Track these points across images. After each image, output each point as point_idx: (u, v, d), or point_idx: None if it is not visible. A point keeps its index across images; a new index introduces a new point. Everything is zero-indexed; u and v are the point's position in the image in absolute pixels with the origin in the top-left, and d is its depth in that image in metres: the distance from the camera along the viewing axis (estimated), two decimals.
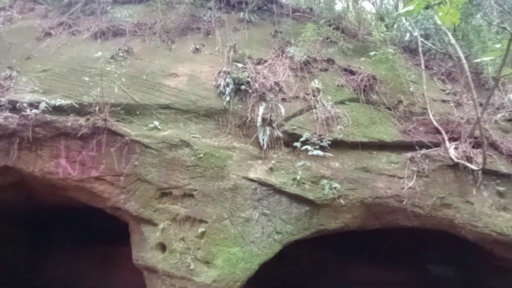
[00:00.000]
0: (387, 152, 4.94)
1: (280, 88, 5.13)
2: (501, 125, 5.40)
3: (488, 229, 4.48)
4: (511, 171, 4.69)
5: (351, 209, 4.59)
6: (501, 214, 4.52)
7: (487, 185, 4.69)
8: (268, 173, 4.55)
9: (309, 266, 8.16)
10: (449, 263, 7.32)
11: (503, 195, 4.63)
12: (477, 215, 4.51)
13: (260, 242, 4.41)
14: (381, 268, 7.92)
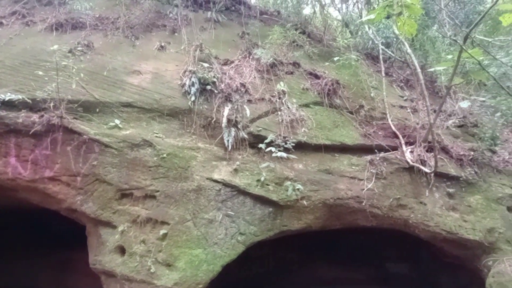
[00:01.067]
0: (349, 154, 5.11)
1: (246, 90, 5.14)
2: (452, 131, 5.79)
3: (439, 228, 4.78)
4: (459, 173, 5.04)
5: (313, 210, 4.70)
6: (450, 214, 4.84)
7: (438, 187, 5.01)
8: (232, 174, 4.54)
9: (273, 266, 8.25)
10: (405, 261, 7.72)
11: (452, 196, 4.96)
12: (429, 215, 4.80)
13: (224, 243, 4.38)
14: (342, 267, 8.18)
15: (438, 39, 6.59)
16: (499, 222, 4.74)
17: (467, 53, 3.99)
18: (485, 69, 4.22)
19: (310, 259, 8.38)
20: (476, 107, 6.17)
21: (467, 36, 3.98)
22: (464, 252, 4.93)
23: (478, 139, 5.52)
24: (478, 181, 5.03)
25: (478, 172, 5.08)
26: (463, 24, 6.52)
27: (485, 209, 4.84)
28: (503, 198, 4.94)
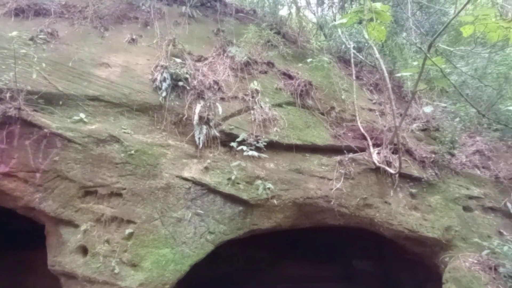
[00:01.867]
0: (319, 155, 5.22)
1: (219, 87, 5.09)
2: (416, 134, 6.07)
3: (402, 227, 4.99)
4: (421, 175, 5.30)
5: (283, 209, 4.74)
6: (412, 213, 5.08)
7: (402, 187, 5.23)
8: (203, 172, 4.48)
9: (243, 265, 8.27)
10: (370, 258, 8.00)
11: (414, 196, 5.20)
12: (393, 214, 5.00)
13: (192, 242, 4.32)
14: (311, 264, 8.35)
15: (405, 46, 6.90)
16: (456, 220, 5.03)
17: (431, 60, 4.20)
18: (446, 77, 4.46)
19: (279, 258, 8.48)
20: (438, 112, 6.52)
21: (431, 44, 4.18)
22: (423, 249, 5.18)
23: (439, 143, 5.84)
24: (438, 182, 5.31)
25: (438, 174, 5.37)
26: (429, 33, 6.86)
27: (443, 208, 5.12)
28: (459, 198, 5.25)
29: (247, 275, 8.21)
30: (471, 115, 6.15)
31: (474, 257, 4.64)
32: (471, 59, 6.66)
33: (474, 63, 6.52)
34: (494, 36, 3.86)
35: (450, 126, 6.06)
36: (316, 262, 8.52)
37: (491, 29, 3.84)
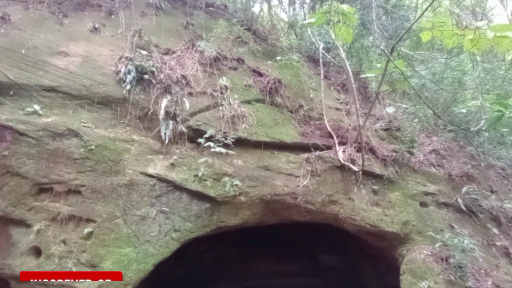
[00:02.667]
0: (287, 152, 5.27)
1: (187, 82, 4.97)
2: (379, 133, 6.34)
3: (364, 222, 5.19)
4: (383, 172, 5.54)
5: (251, 206, 4.74)
6: (374, 209, 5.29)
7: (365, 184, 5.44)
8: (169, 168, 4.36)
9: (212, 262, 8.21)
10: (335, 253, 8.27)
11: (376, 192, 5.43)
12: (356, 210, 5.18)
13: (157, 241, 4.19)
14: (279, 260, 8.47)
15: (371, 48, 7.16)
16: (413, 215, 5.33)
17: (393, 63, 4.39)
18: (407, 79, 4.69)
19: (248, 255, 8.52)
20: (400, 113, 6.85)
21: (393, 47, 4.37)
22: (384, 243, 5.43)
23: (400, 142, 6.14)
24: (398, 179, 5.58)
25: (399, 171, 5.65)
26: (393, 37, 7.16)
27: (402, 204, 5.39)
28: (417, 195, 5.56)
29: (216, 273, 8.16)
30: (429, 116, 6.52)
31: (428, 250, 4.94)
32: (430, 64, 7.06)
33: (432, 68, 6.92)
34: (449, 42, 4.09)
35: (410, 126, 6.39)
36: (285, 258, 8.66)
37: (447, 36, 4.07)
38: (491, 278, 4.81)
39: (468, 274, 4.68)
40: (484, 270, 4.88)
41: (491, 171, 6.38)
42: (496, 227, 5.66)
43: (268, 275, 8.46)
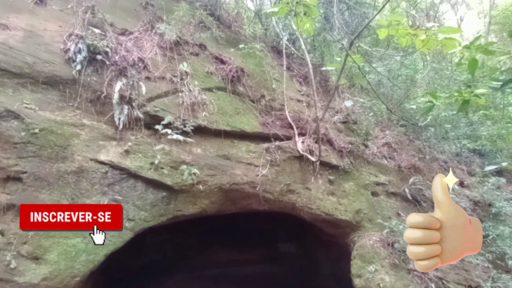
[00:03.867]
0: (247, 141, 5.28)
1: (145, 65, 4.74)
2: (338, 126, 6.56)
3: (320, 211, 5.39)
4: (339, 163, 5.76)
5: (209, 195, 4.70)
6: (329, 198, 5.51)
7: (322, 174, 5.63)
8: (123, 155, 4.16)
9: (171, 252, 8.09)
10: (293, 241, 8.54)
11: (332, 182, 5.65)
12: (312, 199, 5.36)
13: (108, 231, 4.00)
14: (239, 249, 8.57)
15: (333, 43, 7.34)
16: (365, 204, 5.63)
17: (351, 58, 4.53)
18: (363, 74, 4.87)
19: (208, 244, 8.51)
20: (358, 107, 7.14)
21: (352, 42, 4.51)
22: (337, 230, 5.70)
23: (356, 135, 6.41)
24: (352, 170, 5.85)
25: (353, 163, 5.91)
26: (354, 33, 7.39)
27: (355, 194, 5.68)
28: (369, 185, 5.88)
29: (176, 263, 8.06)
30: (383, 111, 6.87)
31: (377, 236, 5.27)
32: (386, 61, 7.40)
33: (388, 65, 7.27)
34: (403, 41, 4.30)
35: (366, 120, 6.69)
36: (244, 247, 8.77)
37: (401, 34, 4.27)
38: None
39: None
40: None
41: (435, 163, 6.92)
42: None
43: (227, 263, 8.54)
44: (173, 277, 8.07)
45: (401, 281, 4.88)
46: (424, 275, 5.04)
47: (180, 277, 8.16)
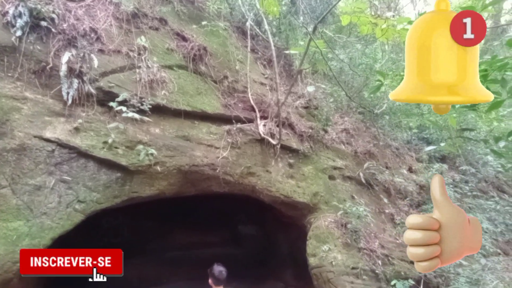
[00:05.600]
0: (208, 123, 5.17)
1: (98, 37, 4.39)
2: (299, 111, 6.65)
3: (279, 193, 5.50)
4: (299, 147, 5.88)
5: (167, 176, 4.58)
6: (288, 181, 5.63)
7: (282, 157, 5.71)
8: (72, 133, 3.88)
9: (128, 235, 7.85)
10: (253, 223, 8.69)
11: (292, 166, 5.77)
12: (272, 182, 5.44)
13: (56, 213, 3.76)
14: (199, 232, 8.55)
15: (298, 27, 7.34)
16: (322, 187, 5.84)
17: (314, 42, 4.56)
18: (325, 59, 4.95)
19: (168, 227, 8.38)
20: (320, 93, 7.28)
21: (316, 27, 4.52)
22: (295, 212, 5.87)
23: (317, 120, 6.56)
24: (312, 154, 6.01)
25: (313, 147, 6.07)
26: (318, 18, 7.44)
27: (313, 177, 5.86)
28: (327, 169, 6.09)
29: (134, 246, 7.84)
30: (343, 98, 7.08)
31: (332, 217, 5.53)
32: (348, 49, 7.58)
33: (350, 53, 7.45)
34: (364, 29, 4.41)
35: (327, 106, 6.86)
36: (205, 229, 8.76)
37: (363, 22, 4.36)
38: (378, 240, 5.64)
39: (361, 237, 5.40)
40: (373, 233, 5.69)
41: (388, 150, 7.34)
42: (386, 198, 6.60)
43: (188, 246, 8.50)
44: (132, 260, 7.85)
45: (352, 258, 5.19)
46: (372, 252, 5.41)
47: (139, 261, 7.98)
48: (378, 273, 5.22)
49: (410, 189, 6.86)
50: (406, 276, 5.28)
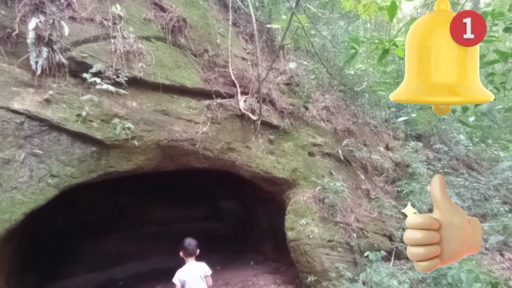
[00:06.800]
0: (188, 97, 5.07)
1: (68, 3, 4.12)
2: (281, 87, 6.62)
3: (259, 169, 5.56)
4: (280, 123, 5.90)
5: (145, 151, 4.51)
6: (268, 157, 5.69)
7: (263, 133, 5.73)
8: (42, 105, 3.71)
9: (107, 210, 7.80)
10: (234, 199, 8.81)
11: (272, 142, 5.81)
12: (252, 157, 5.48)
13: (27, 187, 3.66)
14: (180, 207, 8.60)
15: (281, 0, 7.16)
16: (301, 163, 5.95)
17: (296, 17, 4.47)
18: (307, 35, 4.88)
19: (148, 202, 8.36)
20: (302, 70, 7.24)
21: (298, 1, 4.42)
22: (275, 188, 5.98)
23: (298, 97, 6.56)
24: (292, 131, 6.05)
25: (293, 124, 6.11)
26: None
27: (293, 153, 5.94)
28: (306, 145, 6.18)
29: (113, 221, 7.82)
30: (324, 75, 7.09)
31: (310, 192, 5.67)
32: (331, 26, 7.51)
33: (333, 30, 7.39)
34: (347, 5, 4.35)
35: (308, 83, 6.85)
36: (185, 205, 8.81)
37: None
38: (354, 214, 5.87)
39: (337, 211, 5.60)
40: (350, 208, 5.91)
41: (366, 128, 7.49)
42: (363, 174, 6.81)
43: (168, 221, 8.55)
44: (111, 235, 7.88)
45: (328, 232, 5.40)
46: (348, 226, 5.64)
47: (118, 236, 8.00)
48: (353, 246, 5.48)
49: (386, 166, 7.10)
50: (379, 248, 5.57)
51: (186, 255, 3.83)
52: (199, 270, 3.80)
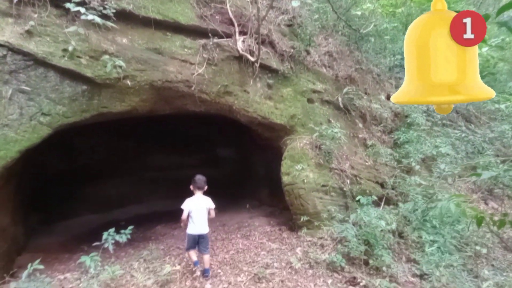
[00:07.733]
0: (182, 35, 4.75)
1: None
2: (282, 29, 6.21)
3: (256, 114, 5.44)
4: (279, 67, 5.64)
5: (139, 92, 4.35)
6: (266, 102, 5.54)
7: (261, 77, 5.51)
8: (24, 37, 3.45)
9: (106, 155, 7.84)
10: (231, 146, 8.84)
11: (271, 86, 5.61)
12: (250, 102, 5.33)
13: (19, 125, 3.57)
14: (178, 153, 8.65)
15: None
16: (300, 110, 5.82)
17: None
18: None
19: (146, 148, 8.40)
20: (305, 10, 6.75)
21: None
22: (272, 134, 5.93)
23: (300, 40, 6.19)
24: (291, 76, 5.82)
25: (293, 68, 5.85)
26: None
27: (292, 99, 5.78)
28: (306, 92, 5.99)
29: (111, 166, 7.91)
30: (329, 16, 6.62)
31: (307, 139, 5.64)
32: None
33: None
34: None
35: (311, 24, 6.43)
36: (183, 151, 8.87)
37: None
38: (349, 161, 5.92)
39: (333, 158, 5.63)
40: (345, 155, 5.94)
41: (369, 75, 7.23)
42: (361, 123, 6.73)
43: (166, 167, 8.67)
44: (111, 180, 8.02)
45: (323, 177, 5.48)
46: (342, 172, 5.71)
47: (118, 180, 8.15)
48: (346, 191, 5.61)
49: (385, 115, 6.99)
50: (370, 194, 5.71)
51: (195, 188, 4.25)
52: (205, 203, 4.25)
